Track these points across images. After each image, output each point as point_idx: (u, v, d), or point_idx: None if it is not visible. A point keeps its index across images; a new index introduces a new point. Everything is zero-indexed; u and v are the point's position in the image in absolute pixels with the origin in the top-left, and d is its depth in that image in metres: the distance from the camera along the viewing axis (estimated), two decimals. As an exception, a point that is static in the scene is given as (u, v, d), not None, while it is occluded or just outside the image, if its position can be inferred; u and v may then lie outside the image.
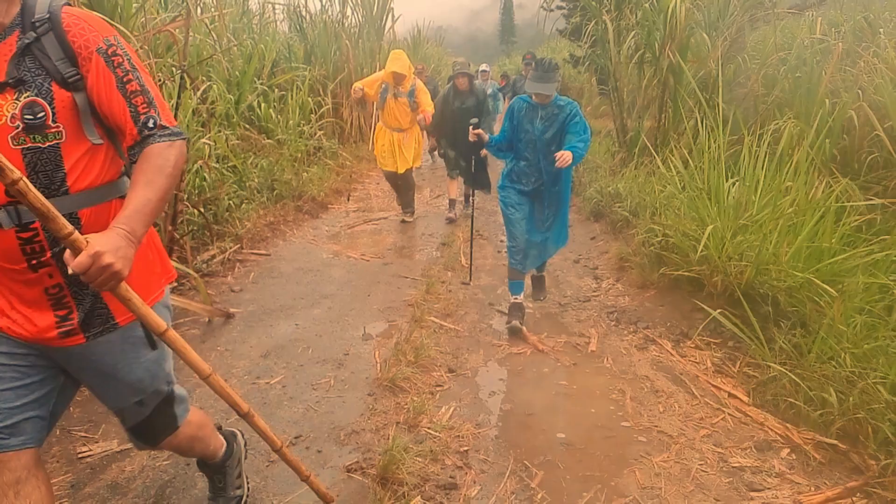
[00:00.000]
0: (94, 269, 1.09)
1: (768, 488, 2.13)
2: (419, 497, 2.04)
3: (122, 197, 1.36)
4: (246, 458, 2.04)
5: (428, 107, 5.67)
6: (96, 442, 2.34)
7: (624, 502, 2.07)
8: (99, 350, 1.38)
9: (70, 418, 2.48)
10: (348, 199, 6.72)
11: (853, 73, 5.01)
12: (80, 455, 2.25)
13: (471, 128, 3.58)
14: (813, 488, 2.13)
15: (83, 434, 2.38)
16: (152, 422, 1.52)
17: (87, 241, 1.10)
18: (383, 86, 5.63)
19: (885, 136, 4.17)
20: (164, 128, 1.31)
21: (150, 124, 1.29)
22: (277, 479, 2.14)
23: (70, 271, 1.10)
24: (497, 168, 4.89)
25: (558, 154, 3.08)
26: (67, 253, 1.11)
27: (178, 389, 1.59)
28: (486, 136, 3.60)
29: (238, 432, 2.03)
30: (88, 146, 1.29)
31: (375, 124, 6.03)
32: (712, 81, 5.51)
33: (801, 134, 4.36)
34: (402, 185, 6.08)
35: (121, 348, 1.40)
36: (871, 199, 3.92)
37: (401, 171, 5.85)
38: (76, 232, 1.10)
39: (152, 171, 1.25)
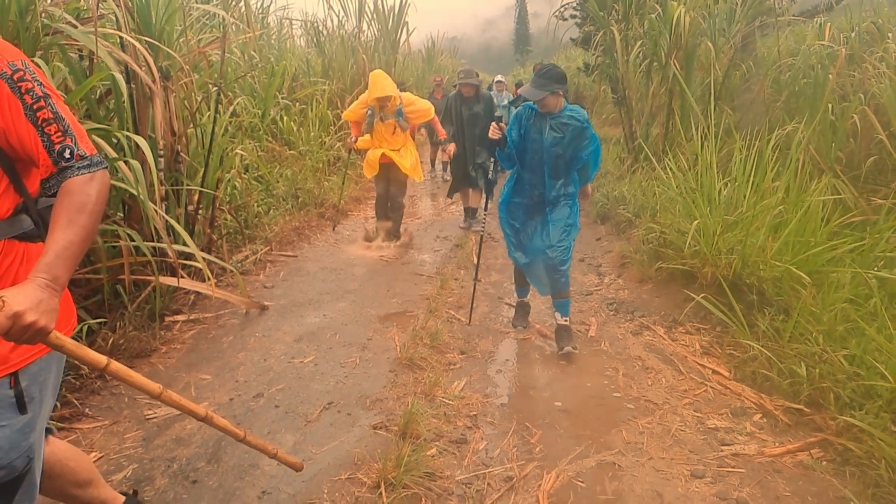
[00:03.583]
0: (15, 330, 1.03)
1: (737, 443, 2.45)
2: (434, 449, 2.39)
3: (16, 237, 1.27)
4: None
5: (423, 116, 5.36)
6: (159, 407, 2.73)
7: (610, 454, 2.40)
8: None
9: (135, 389, 2.88)
10: (334, 229, 6.15)
11: (858, 78, 5.23)
12: (147, 417, 2.65)
13: (494, 123, 3.24)
14: (777, 444, 2.44)
15: (147, 401, 2.77)
16: None
17: (4, 301, 1.02)
18: (369, 110, 5.19)
19: (886, 140, 4.40)
20: (83, 157, 1.21)
21: (67, 154, 1.19)
22: (315, 434, 2.51)
23: None
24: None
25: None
26: None
27: (32, 479, 1.31)
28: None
29: None
30: None
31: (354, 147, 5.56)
32: (717, 88, 5.79)
33: (802, 137, 4.53)
34: (393, 194, 5.48)
35: None
36: (873, 199, 4.19)
37: (401, 165, 5.24)
38: None
39: (73, 209, 1.16)
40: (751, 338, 3.10)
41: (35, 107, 1.18)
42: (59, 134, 1.19)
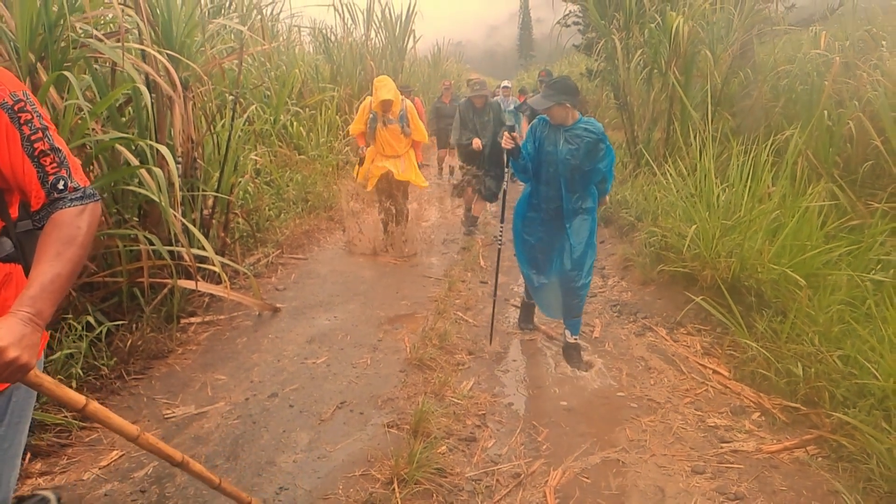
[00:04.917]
0: None
1: (737, 441, 2.55)
2: (445, 446, 2.49)
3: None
4: None
5: (419, 135, 5.40)
6: (177, 406, 2.84)
7: (614, 451, 2.50)
8: None
9: (153, 389, 3.00)
10: (343, 232, 6.20)
11: (853, 85, 5.32)
12: (165, 416, 2.76)
13: (506, 132, 3.22)
14: (775, 441, 2.53)
15: (165, 401, 2.89)
16: None
17: None
18: (371, 115, 5.22)
19: (881, 145, 4.49)
20: (76, 189, 1.22)
21: (60, 186, 1.20)
22: (329, 433, 2.61)
23: None
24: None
25: None
26: None
27: None
28: (520, 141, 3.32)
29: (51, 497, 1.95)
30: None
31: (362, 159, 5.51)
32: (715, 95, 5.89)
33: (798, 143, 4.61)
34: (397, 202, 5.54)
35: None
36: (870, 203, 4.27)
37: (400, 176, 5.29)
38: None
39: (62, 242, 1.15)
40: (749, 338, 3.20)
41: (33, 138, 1.20)
42: (55, 165, 1.20)
